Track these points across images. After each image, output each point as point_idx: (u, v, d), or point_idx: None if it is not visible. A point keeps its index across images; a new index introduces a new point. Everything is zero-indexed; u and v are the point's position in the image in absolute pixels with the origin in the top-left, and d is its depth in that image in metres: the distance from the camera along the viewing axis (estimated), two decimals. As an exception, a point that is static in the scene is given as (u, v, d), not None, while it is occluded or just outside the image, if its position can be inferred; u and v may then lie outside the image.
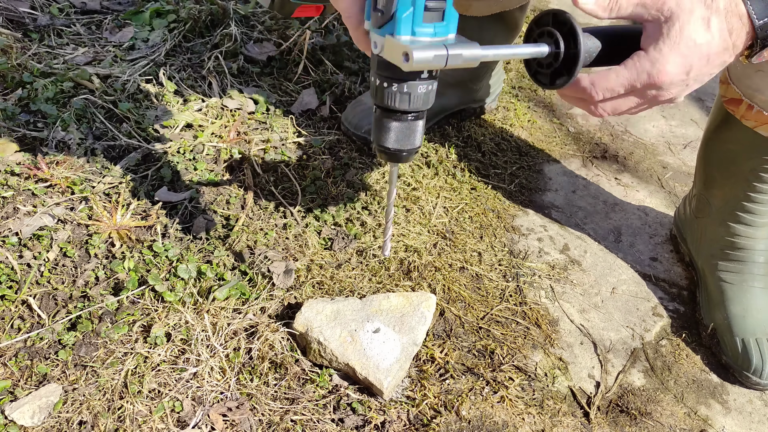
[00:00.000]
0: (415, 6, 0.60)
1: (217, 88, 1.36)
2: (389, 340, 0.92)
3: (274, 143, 1.27)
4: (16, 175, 1.09)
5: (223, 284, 0.99)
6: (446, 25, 0.63)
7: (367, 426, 0.87)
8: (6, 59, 1.30)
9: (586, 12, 0.71)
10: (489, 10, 1.20)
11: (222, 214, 1.12)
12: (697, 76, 0.68)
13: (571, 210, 1.31)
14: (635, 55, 0.68)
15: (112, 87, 1.29)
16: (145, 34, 1.48)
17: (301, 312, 0.94)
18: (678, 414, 0.98)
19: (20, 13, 1.45)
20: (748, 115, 0.96)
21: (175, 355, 0.91)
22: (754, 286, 1.07)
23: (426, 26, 0.62)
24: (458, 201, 1.25)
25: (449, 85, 1.36)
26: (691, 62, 0.67)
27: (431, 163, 1.32)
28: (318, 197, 1.19)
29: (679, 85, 0.69)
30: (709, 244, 1.13)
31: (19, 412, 0.81)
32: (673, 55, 0.66)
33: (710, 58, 0.67)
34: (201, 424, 0.84)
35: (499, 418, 0.92)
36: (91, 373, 0.87)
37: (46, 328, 0.91)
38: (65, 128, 1.18)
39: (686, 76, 0.68)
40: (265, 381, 0.90)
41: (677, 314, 1.14)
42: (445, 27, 0.63)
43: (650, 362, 1.05)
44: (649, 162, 1.49)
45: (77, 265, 0.99)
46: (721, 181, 1.08)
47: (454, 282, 1.09)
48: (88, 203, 1.07)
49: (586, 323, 1.09)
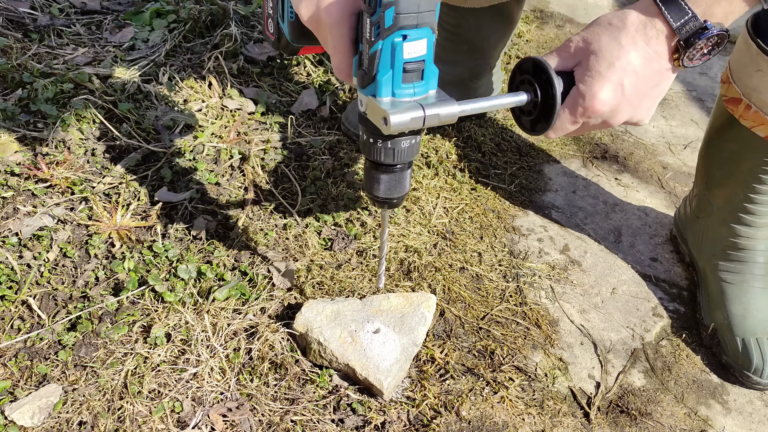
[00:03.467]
0: (394, 69, 0.64)
1: (217, 88, 1.36)
2: (389, 341, 0.92)
3: (274, 143, 1.27)
4: (16, 175, 1.09)
5: (223, 284, 0.99)
6: (425, 83, 0.67)
7: (367, 426, 0.87)
8: (6, 59, 1.30)
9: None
10: (487, 1, 1.20)
11: (222, 214, 1.12)
12: (636, 92, 0.70)
13: (571, 210, 1.31)
14: (572, 91, 0.71)
15: (112, 87, 1.29)
16: (145, 35, 1.48)
17: (301, 312, 0.94)
18: (678, 414, 0.98)
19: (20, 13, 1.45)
20: (746, 114, 0.96)
21: (175, 356, 0.91)
22: (755, 286, 1.07)
23: (406, 87, 0.65)
24: (458, 201, 1.25)
25: (449, 84, 1.36)
26: (620, 81, 0.69)
27: (431, 163, 1.32)
28: (318, 197, 1.18)
29: (625, 106, 0.71)
30: (710, 244, 1.13)
31: (19, 412, 0.81)
32: (599, 82, 0.69)
33: (638, 72, 0.69)
34: (201, 425, 0.84)
35: (499, 419, 0.92)
36: (91, 374, 0.87)
37: (46, 329, 0.91)
38: (65, 128, 1.18)
39: (623, 96, 0.70)
40: (265, 381, 0.90)
41: (677, 314, 1.14)
42: (424, 86, 0.67)
43: (650, 362, 1.05)
44: (649, 162, 1.48)
45: (77, 266, 0.99)
46: (722, 181, 1.08)
47: (454, 282, 1.09)
48: (88, 203, 1.07)
49: (586, 323, 1.09)
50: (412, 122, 0.65)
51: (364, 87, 0.67)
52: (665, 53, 0.69)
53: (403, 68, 0.64)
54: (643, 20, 0.68)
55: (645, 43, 0.68)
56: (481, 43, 1.29)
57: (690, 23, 0.66)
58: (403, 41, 0.62)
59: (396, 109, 0.64)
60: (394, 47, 0.62)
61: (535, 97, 0.72)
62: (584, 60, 0.70)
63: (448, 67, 1.34)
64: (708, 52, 0.68)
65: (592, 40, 0.70)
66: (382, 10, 0.60)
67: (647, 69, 0.69)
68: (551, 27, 1.87)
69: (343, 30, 0.66)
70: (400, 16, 0.60)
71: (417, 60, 0.64)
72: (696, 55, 0.68)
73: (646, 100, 0.72)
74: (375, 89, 0.65)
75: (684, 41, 0.67)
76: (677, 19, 0.66)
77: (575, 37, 0.72)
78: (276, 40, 0.80)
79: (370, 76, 0.65)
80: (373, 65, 0.64)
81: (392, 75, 0.64)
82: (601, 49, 0.69)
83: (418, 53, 0.64)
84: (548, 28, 1.86)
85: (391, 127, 0.64)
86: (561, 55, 0.73)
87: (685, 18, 0.66)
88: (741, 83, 0.92)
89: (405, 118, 0.64)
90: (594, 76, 0.69)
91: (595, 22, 0.72)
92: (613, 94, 0.69)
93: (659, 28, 0.68)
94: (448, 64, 1.33)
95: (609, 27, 0.69)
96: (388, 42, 0.62)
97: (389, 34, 0.62)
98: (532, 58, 0.72)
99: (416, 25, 0.62)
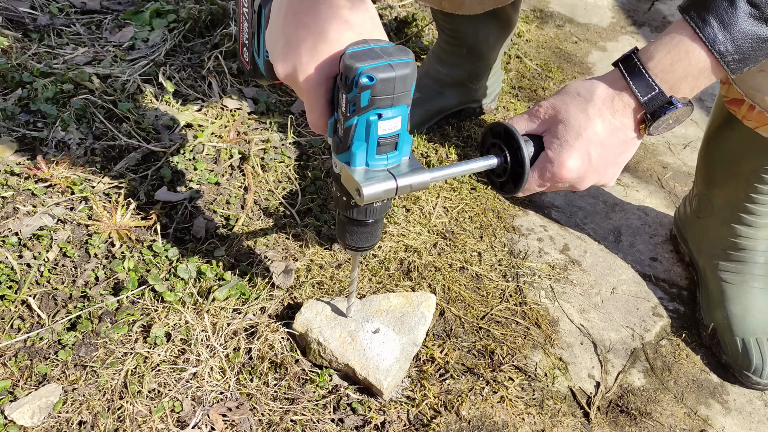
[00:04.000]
0: (368, 143, 0.65)
1: (217, 88, 1.36)
2: (389, 341, 0.92)
3: (274, 143, 1.27)
4: (16, 175, 1.09)
5: (223, 284, 0.99)
6: (399, 153, 0.68)
7: (367, 426, 0.87)
8: (6, 59, 1.30)
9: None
10: (482, 7, 1.20)
11: (222, 214, 1.12)
12: (603, 160, 0.73)
13: (571, 210, 1.31)
14: (542, 155, 0.74)
15: (112, 87, 1.29)
16: (145, 34, 1.48)
17: (301, 312, 0.94)
18: (678, 414, 0.98)
19: (20, 13, 1.45)
20: (750, 115, 0.96)
21: (175, 355, 0.91)
22: (755, 286, 1.07)
23: (380, 158, 0.66)
24: (458, 201, 1.25)
25: (448, 85, 1.36)
26: (587, 149, 0.72)
27: (431, 163, 1.32)
28: (318, 197, 1.18)
29: (591, 174, 0.74)
30: (710, 244, 1.13)
31: (19, 412, 0.81)
32: (567, 151, 0.71)
33: (604, 142, 0.72)
34: (201, 424, 0.84)
35: (499, 418, 0.92)
36: (91, 373, 0.87)
37: (46, 328, 0.91)
38: (65, 128, 1.18)
39: (589, 164, 0.73)
40: (265, 381, 0.90)
41: (677, 314, 1.14)
42: (398, 155, 0.68)
43: (650, 362, 1.05)
44: (649, 162, 1.48)
45: (77, 265, 0.99)
46: (723, 181, 1.08)
47: (454, 282, 1.09)
48: (88, 203, 1.07)
49: (586, 323, 1.09)
50: (385, 194, 0.66)
51: (338, 153, 0.68)
52: (631, 124, 0.72)
53: (377, 142, 0.65)
54: (611, 93, 0.71)
55: (611, 115, 0.71)
56: (480, 46, 1.30)
57: (657, 99, 0.69)
58: (378, 119, 0.63)
59: (369, 182, 0.65)
60: (369, 124, 0.63)
61: (505, 163, 0.75)
62: (553, 127, 0.73)
63: (447, 69, 1.34)
64: (673, 122, 0.71)
65: (560, 109, 0.72)
66: (359, 91, 0.61)
67: (613, 139, 0.72)
68: (551, 27, 1.87)
69: (320, 92, 0.66)
70: (375, 99, 0.61)
71: (391, 135, 0.65)
72: (662, 125, 0.71)
73: (611, 167, 0.75)
74: (349, 158, 0.66)
75: (650, 114, 0.70)
76: (644, 93, 0.69)
77: (545, 103, 0.74)
78: (251, 70, 0.79)
79: (345, 145, 0.66)
80: (348, 137, 0.65)
81: (366, 148, 0.65)
82: (569, 120, 0.71)
83: (393, 129, 0.65)
84: (548, 28, 1.87)
85: (364, 199, 0.65)
86: (531, 119, 0.75)
87: (652, 94, 0.68)
88: (743, 84, 0.92)
89: (378, 190, 0.65)
90: (563, 144, 0.72)
91: (565, 90, 0.74)
92: (581, 163, 0.72)
93: (626, 102, 0.70)
94: (448, 66, 1.33)
95: (577, 98, 0.72)
96: (363, 119, 0.63)
97: (364, 113, 0.62)
98: (504, 125, 0.74)
99: (391, 105, 0.63)
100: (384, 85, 0.61)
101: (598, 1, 2.04)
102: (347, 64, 0.60)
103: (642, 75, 0.69)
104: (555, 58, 1.74)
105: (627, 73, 0.69)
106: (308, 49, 0.64)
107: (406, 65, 0.61)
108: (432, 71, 1.35)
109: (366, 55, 0.60)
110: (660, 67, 0.68)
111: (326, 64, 0.64)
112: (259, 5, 0.72)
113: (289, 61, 0.65)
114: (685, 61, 0.67)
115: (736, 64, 0.66)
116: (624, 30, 1.93)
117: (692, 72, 0.67)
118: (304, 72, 0.64)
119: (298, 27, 0.64)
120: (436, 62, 1.35)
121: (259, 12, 0.72)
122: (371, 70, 0.60)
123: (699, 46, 0.66)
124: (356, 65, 0.60)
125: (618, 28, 1.94)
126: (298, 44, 0.64)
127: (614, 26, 1.94)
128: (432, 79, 1.35)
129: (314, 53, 0.64)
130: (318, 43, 0.63)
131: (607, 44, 1.85)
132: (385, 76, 0.60)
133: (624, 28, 1.94)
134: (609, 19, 1.97)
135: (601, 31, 1.91)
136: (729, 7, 0.64)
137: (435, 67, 1.35)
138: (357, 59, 0.60)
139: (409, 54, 0.62)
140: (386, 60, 0.61)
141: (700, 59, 0.66)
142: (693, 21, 0.65)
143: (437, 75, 1.35)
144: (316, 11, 0.63)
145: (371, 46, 0.62)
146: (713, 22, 0.64)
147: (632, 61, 0.69)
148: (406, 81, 0.62)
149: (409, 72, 0.62)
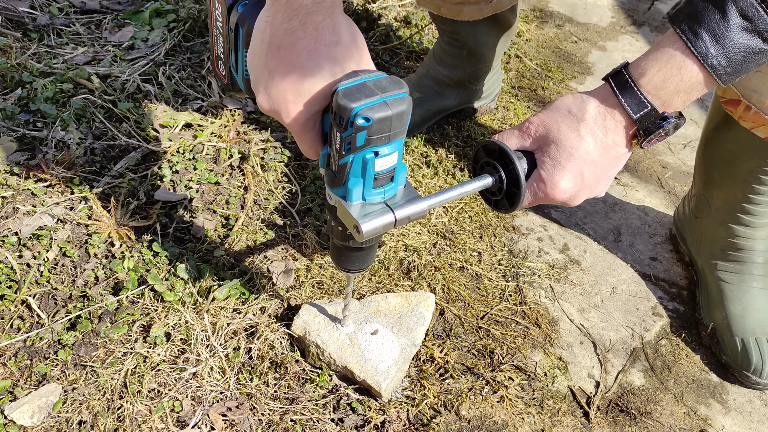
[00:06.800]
0: (365, 179, 0.63)
1: (217, 88, 1.36)
2: (387, 342, 0.92)
3: (274, 143, 1.27)
4: (16, 174, 1.09)
5: (223, 284, 0.99)
6: (395, 184, 0.67)
7: (366, 426, 0.87)
8: (6, 59, 1.30)
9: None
10: (480, 14, 1.20)
11: (222, 214, 1.12)
12: (595, 178, 0.73)
13: (571, 210, 1.31)
14: (534, 173, 0.73)
15: (112, 86, 1.29)
16: (144, 34, 1.48)
17: (299, 315, 0.94)
18: (678, 414, 0.99)
19: (20, 12, 1.45)
20: (746, 116, 0.96)
21: (174, 355, 0.91)
22: (754, 286, 1.07)
23: (376, 192, 0.65)
24: (458, 201, 1.25)
25: (448, 85, 1.36)
26: (579, 170, 0.71)
27: (431, 162, 1.32)
28: (317, 197, 1.18)
29: (584, 191, 0.74)
30: (709, 244, 1.13)
31: (19, 411, 0.81)
32: (559, 172, 0.71)
33: (596, 161, 0.71)
34: (201, 424, 0.84)
35: (499, 418, 0.92)
36: (91, 373, 0.87)
37: (46, 328, 0.91)
38: (65, 128, 1.18)
39: (582, 183, 0.72)
40: (264, 381, 0.90)
41: (677, 314, 1.14)
42: (394, 187, 0.67)
43: (650, 362, 1.05)
44: (649, 161, 1.48)
45: (77, 265, 0.99)
46: (721, 181, 1.08)
47: (453, 282, 1.09)
48: (88, 203, 1.07)
49: (585, 323, 1.09)
50: (383, 228, 0.65)
51: (333, 187, 0.66)
52: (623, 141, 0.71)
53: (374, 177, 0.63)
54: (602, 111, 0.70)
55: (603, 134, 0.70)
56: (480, 49, 1.30)
57: (650, 116, 0.68)
58: (375, 157, 0.61)
59: (367, 218, 0.64)
60: (366, 162, 0.62)
61: (500, 182, 0.74)
62: (544, 146, 0.72)
63: (448, 70, 1.34)
64: (665, 135, 0.70)
65: (551, 127, 0.71)
66: (354, 132, 0.58)
67: (605, 157, 0.71)
68: (551, 26, 1.87)
69: (308, 127, 0.64)
70: (372, 138, 0.59)
71: (388, 170, 0.64)
72: (654, 139, 0.70)
73: (603, 181, 0.75)
74: (345, 193, 0.64)
75: (643, 131, 0.69)
76: (637, 111, 0.68)
77: (535, 120, 0.73)
78: (229, 83, 0.76)
79: (341, 181, 0.64)
80: (344, 173, 0.63)
81: (363, 183, 0.64)
82: (561, 140, 0.70)
83: (390, 165, 0.63)
84: (548, 28, 1.86)
85: (363, 236, 0.64)
86: (522, 136, 0.74)
87: (644, 111, 0.68)
88: (739, 85, 0.92)
89: (377, 225, 0.64)
90: (555, 165, 0.71)
91: (555, 106, 0.73)
92: (573, 183, 0.71)
93: (618, 119, 0.70)
94: (448, 67, 1.33)
95: (569, 116, 0.71)
96: (359, 156, 0.61)
97: (360, 151, 0.61)
98: (497, 144, 0.73)
99: (388, 142, 0.61)
100: (381, 125, 0.59)
101: (598, 1, 2.04)
102: (341, 104, 0.58)
103: (633, 92, 0.68)
104: (555, 57, 1.74)
105: (618, 89, 0.68)
106: (293, 88, 0.61)
107: (402, 101, 0.59)
108: (432, 71, 1.35)
109: (359, 92, 0.58)
110: (652, 84, 0.67)
111: (313, 101, 0.61)
112: (236, 24, 0.68)
113: (273, 99, 0.62)
114: (678, 77, 0.66)
115: (728, 77, 0.65)
116: (624, 30, 1.93)
117: (684, 87, 0.66)
118: (290, 112, 0.62)
119: (281, 63, 0.60)
120: (436, 63, 1.35)
121: (236, 30, 0.69)
122: (367, 110, 0.57)
123: (691, 61, 0.65)
124: (351, 105, 0.57)
125: (618, 27, 1.94)
126: (281, 82, 0.61)
127: (614, 26, 1.94)
128: (432, 80, 1.36)
129: (300, 92, 0.61)
130: (304, 82, 0.60)
131: (607, 44, 1.85)
132: (382, 116, 0.58)
133: (624, 27, 1.94)
134: (609, 18, 1.97)
135: (601, 30, 1.91)
136: (721, 20, 0.62)
137: (435, 67, 1.35)
138: (351, 98, 0.58)
139: (404, 86, 0.60)
140: (381, 97, 0.58)
141: (692, 74, 0.65)
142: (684, 35, 0.64)
143: (437, 75, 1.35)
144: (301, 47, 0.59)
145: (363, 79, 0.59)
146: (705, 36, 0.63)
147: (623, 77, 0.68)
148: (403, 118, 0.60)
149: (405, 108, 0.60)
